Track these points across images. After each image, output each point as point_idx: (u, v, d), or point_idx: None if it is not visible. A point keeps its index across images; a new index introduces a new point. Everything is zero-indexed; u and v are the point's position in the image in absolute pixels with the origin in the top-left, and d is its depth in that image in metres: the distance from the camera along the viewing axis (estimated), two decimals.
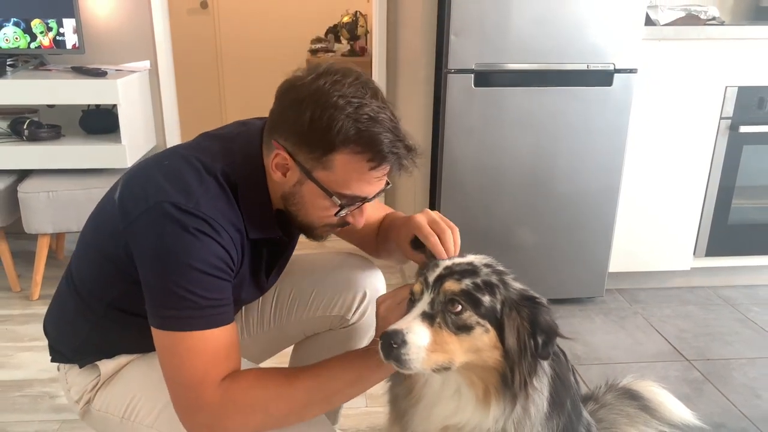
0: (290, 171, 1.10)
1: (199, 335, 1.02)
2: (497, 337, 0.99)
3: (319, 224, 1.17)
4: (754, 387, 2.08)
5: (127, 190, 1.12)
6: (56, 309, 1.29)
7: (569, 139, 2.39)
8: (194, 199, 1.04)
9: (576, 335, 2.39)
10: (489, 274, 1.03)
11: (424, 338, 0.95)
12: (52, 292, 2.69)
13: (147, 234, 1.04)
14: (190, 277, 1.02)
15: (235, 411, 1.03)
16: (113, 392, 1.23)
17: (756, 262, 2.78)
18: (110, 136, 2.78)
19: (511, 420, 1.05)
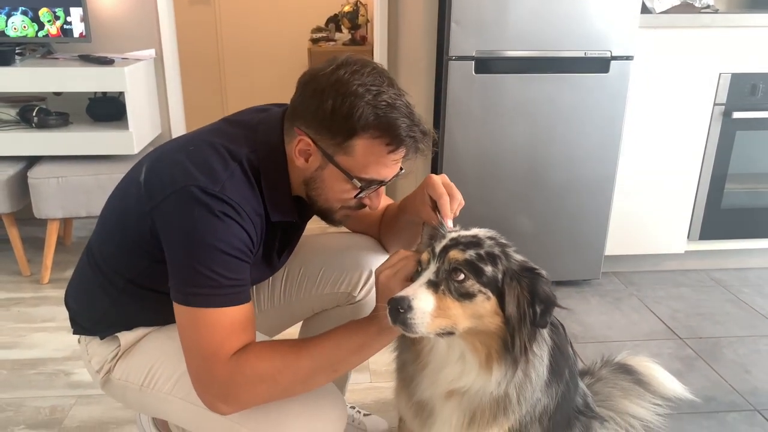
0: (312, 157, 1.17)
1: (218, 312, 1.09)
2: (498, 304, 1.05)
3: (338, 207, 1.23)
4: (744, 363, 2.16)
5: (153, 173, 1.17)
6: (77, 284, 1.34)
7: (566, 126, 2.45)
8: (220, 184, 1.10)
9: (573, 315, 2.46)
10: (492, 246, 1.09)
11: (429, 304, 1.01)
12: (61, 276, 2.78)
13: (175, 215, 1.10)
14: (214, 257, 1.08)
15: (245, 382, 1.09)
16: (133, 362, 1.29)
17: (747, 245, 2.86)
18: (117, 124, 2.83)
19: (513, 384, 1.12)
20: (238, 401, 1.11)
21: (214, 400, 1.11)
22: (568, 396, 1.38)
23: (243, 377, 1.09)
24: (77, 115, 2.88)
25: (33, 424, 1.80)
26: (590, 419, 1.46)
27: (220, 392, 1.10)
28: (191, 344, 1.11)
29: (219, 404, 1.10)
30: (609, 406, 1.64)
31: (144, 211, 1.14)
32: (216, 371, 1.08)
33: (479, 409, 1.17)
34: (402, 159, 1.18)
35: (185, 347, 1.12)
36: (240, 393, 1.10)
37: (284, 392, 1.15)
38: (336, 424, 1.25)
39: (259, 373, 1.09)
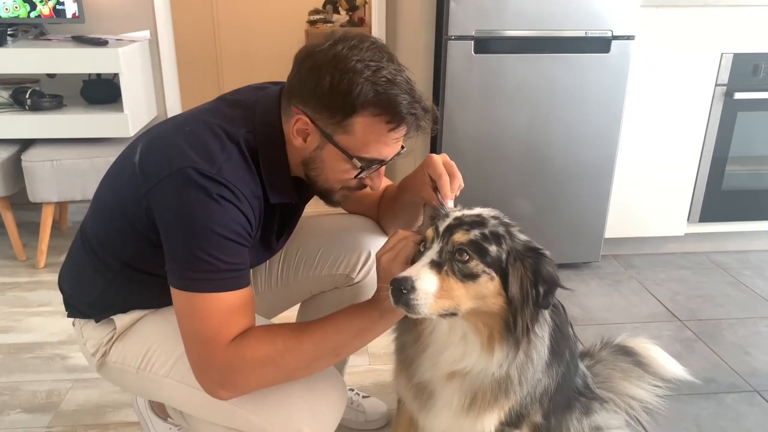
0: (311, 136, 1.14)
1: (216, 297, 1.06)
2: (501, 284, 1.04)
3: (339, 188, 1.21)
4: (743, 345, 2.15)
5: (148, 154, 1.14)
6: (71, 267, 1.32)
7: (567, 107, 2.42)
8: (217, 166, 1.07)
9: (572, 298, 2.45)
10: (496, 225, 1.07)
11: (432, 285, 0.99)
12: (57, 260, 2.76)
13: (171, 198, 1.07)
14: (211, 242, 1.05)
15: (245, 367, 1.07)
16: (128, 345, 1.27)
17: (748, 227, 2.84)
18: (112, 106, 2.80)
19: (515, 365, 1.11)
20: (237, 386, 1.10)
21: (213, 386, 1.09)
22: (568, 377, 1.37)
23: (243, 362, 1.07)
24: (71, 97, 2.85)
25: (29, 408, 1.79)
26: (590, 400, 1.45)
27: (220, 378, 1.08)
28: (189, 330, 1.09)
29: (219, 390, 1.09)
30: (609, 387, 1.64)
31: (139, 194, 1.11)
32: (215, 357, 1.06)
33: (480, 391, 1.16)
34: (403, 137, 1.15)
35: (183, 333, 1.10)
36: (240, 378, 1.08)
37: (285, 377, 1.14)
38: (336, 407, 1.24)
39: (259, 357, 1.08)
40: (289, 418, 1.17)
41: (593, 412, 1.45)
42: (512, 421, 1.25)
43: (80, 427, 1.71)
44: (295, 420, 1.17)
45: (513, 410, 1.21)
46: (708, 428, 1.74)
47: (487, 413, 1.17)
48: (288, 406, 1.18)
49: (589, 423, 1.43)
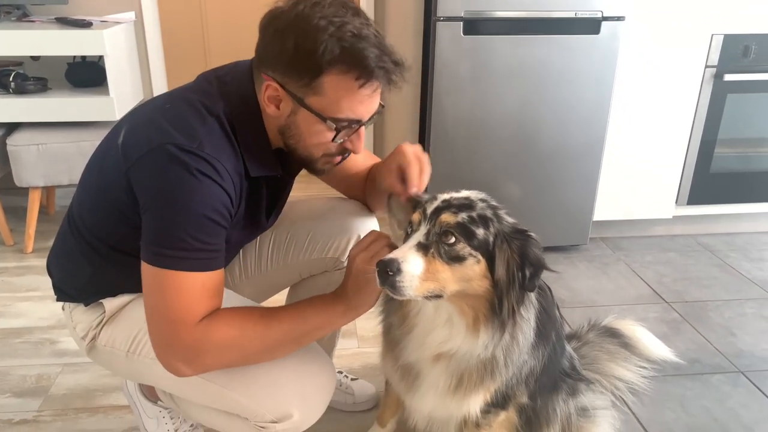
0: (283, 102, 1.12)
1: (187, 276, 1.05)
2: (487, 267, 1.04)
3: (319, 155, 1.18)
4: (729, 326, 2.18)
5: (130, 135, 1.13)
6: (59, 251, 1.31)
7: (556, 89, 2.42)
8: (197, 141, 1.06)
9: (560, 281, 2.46)
10: (484, 208, 1.08)
11: (418, 267, 1.00)
12: (45, 245, 2.75)
13: (150, 174, 1.06)
14: (189, 220, 1.04)
15: (211, 348, 1.08)
16: (118, 328, 1.27)
17: (736, 210, 2.86)
18: (97, 89, 2.76)
19: (501, 347, 1.12)
20: (202, 365, 1.11)
21: (175, 363, 1.09)
22: (554, 359, 1.39)
23: (210, 344, 1.08)
24: (56, 80, 2.81)
25: (19, 392, 1.79)
26: (577, 381, 1.47)
27: (185, 356, 1.08)
28: (156, 307, 1.08)
29: (181, 366, 1.09)
30: (595, 369, 1.66)
31: (121, 172, 1.10)
32: (182, 335, 1.06)
33: (466, 372, 1.17)
34: (374, 92, 1.11)
35: (149, 308, 1.09)
36: (205, 358, 1.09)
37: (248, 360, 1.16)
38: (325, 389, 1.25)
39: (226, 341, 1.09)
40: (278, 401, 1.18)
41: (579, 393, 1.46)
42: (498, 402, 1.26)
43: (70, 411, 1.71)
44: (284, 402, 1.18)
45: (499, 391, 1.23)
46: (692, 408, 1.76)
47: (473, 394, 1.19)
48: (277, 389, 1.18)
49: (575, 404, 1.44)
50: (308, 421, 1.22)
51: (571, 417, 1.43)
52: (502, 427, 1.36)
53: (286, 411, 1.18)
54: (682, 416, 1.73)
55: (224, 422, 1.27)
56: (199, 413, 1.34)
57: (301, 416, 1.19)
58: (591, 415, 1.47)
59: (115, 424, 1.67)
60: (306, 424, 1.22)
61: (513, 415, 1.35)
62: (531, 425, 1.39)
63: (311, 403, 1.22)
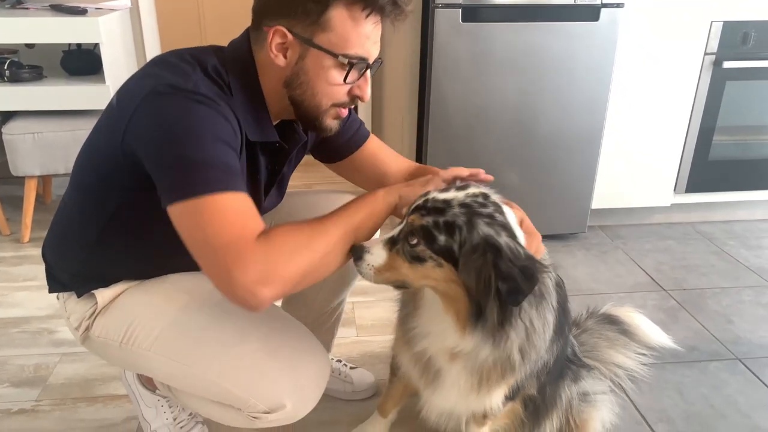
0: (290, 49, 1.11)
1: (222, 197, 0.99)
2: (454, 272, 1.02)
3: (327, 104, 1.17)
4: (726, 313, 2.18)
5: (123, 91, 1.11)
6: (53, 236, 1.30)
7: (555, 77, 2.40)
8: (192, 81, 1.04)
9: (559, 269, 2.46)
10: (457, 215, 1.02)
11: (379, 259, 1.07)
12: (42, 234, 2.72)
13: (147, 116, 1.02)
14: (200, 141, 1.00)
15: (282, 254, 1.00)
16: (111, 319, 1.26)
17: (734, 197, 2.86)
18: (93, 77, 2.74)
19: (516, 348, 1.11)
20: (281, 277, 0.99)
21: (253, 287, 0.96)
22: (564, 350, 1.39)
23: (279, 251, 0.99)
24: (51, 68, 2.79)
25: (17, 382, 1.79)
26: (579, 368, 1.48)
27: (259, 274, 0.97)
28: (206, 239, 0.98)
29: (260, 289, 0.96)
30: (595, 356, 1.66)
31: (115, 130, 1.06)
32: (248, 253, 0.97)
33: (485, 371, 1.17)
34: (377, 25, 1.13)
35: (199, 249, 0.99)
36: (280, 267, 0.99)
37: (320, 262, 1.05)
38: (318, 379, 1.24)
39: (293, 243, 1.02)
40: (271, 391, 1.17)
41: (581, 379, 1.47)
42: (511, 395, 1.27)
43: (69, 401, 1.71)
44: (276, 392, 1.18)
45: (514, 386, 1.23)
46: (690, 395, 1.77)
47: (495, 390, 1.19)
48: (270, 380, 1.18)
49: (577, 389, 1.45)
50: (301, 411, 1.21)
51: (572, 401, 1.44)
52: (506, 416, 1.37)
53: (278, 401, 1.17)
54: (679, 403, 1.74)
55: (218, 412, 1.27)
56: (193, 402, 1.34)
57: (294, 406, 1.19)
58: (591, 399, 1.48)
59: (113, 413, 1.67)
60: (299, 414, 1.21)
61: (518, 406, 1.36)
62: (538, 413, 1.40)
63: (304, 393, 1.21)
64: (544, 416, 1.41)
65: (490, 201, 1.07)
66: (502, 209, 1.08)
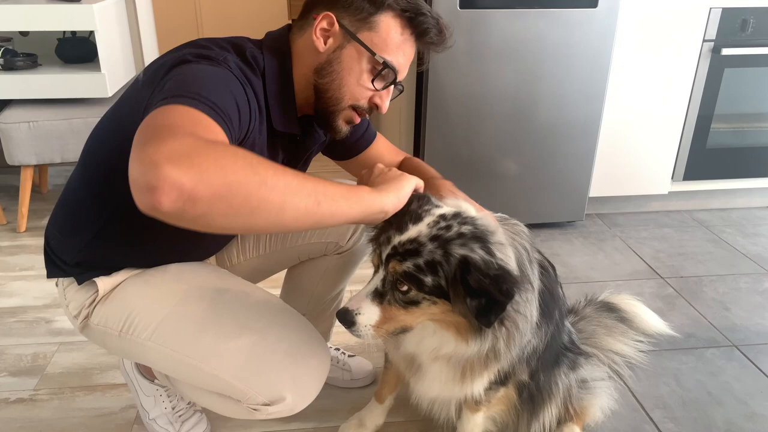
0: (332, 37, 1.16)
1: (198, 113, 0.89)
2: (448, 304, 1.02)
3: (347, 103, 1.19)
4: (723, 301, 2.19)
5: (149, 68, 1.11)
6: (58, 219, 1.28)
7: (554, 64, 2.39)
8: (222, 56, 1.06)
9: (556, 257, 2.47)
10: (433, 251, 0.99)
11: (373, 317, 1.04)
12: (38, 224, 2.73)
13: (172, 79, 0.99)
14: (208, 82, 0.97)
15: (214, 150, 0.80)
16: (110, 308, 1.26)
17: (731, 185, 2.86)
18: (89, 65, 2.72)
19: (500, 339, 1.11)
20: (195, 165, 0.76)
21: (160, 158, 0.75)
22: (557, 335, 1.40)
23: (212, 146, 0.81)
24: (46, 56, 2.77)
25: (15, 372, 1.78)
26: (576, 355, 1.48)
27: (176, 151, 0.77)
28: (147, 123, 0.85)
29: (166, 163, 0.75)
30: (593, 343, 1.67)
31: (140, 100, 1.04)
32: (176, 136, 0.80)
33: (468, 364, 1.17)
34: (413, 48, 1.20)
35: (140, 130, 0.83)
36: (203, 158, 0.78)
37: (257, 188, 0.81)
38: (318, 371, 1.24)
39: (235, 151, 0.83)
40: (270, 383, 1.18)
41: (579, 367, 1.48)
42: (500, 380, 1.27)
43: (67, 390, 1.71)
44: (276, 385, 1.18)
45: (502, 371, 1.23)
46: (687, 382, 1.78)
47: (477, 380, 1.20)
48: (270, 371, 1.18)
49: (575, 376, 1.46)
50: (301, 404, 1.22)
51: (571, 389, 1.45)
52: (500, 402, 1.37)
53: (278, 394, 1.17)
54: (676, 390, 1.74)
55: (217, 403, 1.27)
56: (193, 393, 1.34)
57: (294, 399, 1.19)
58: (590, 386, 1.49)
59: (112, 402, 1.67)
60: (299, 407, 1.22)
61: (512, 392, 1.36)
62: (533, 400, 1.40)
63: (304, 386, 1.21)
64: (541, 405, 1.41)
65: (449, 219, 1.04)
66: (467, 218, 1.05)
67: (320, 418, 1.61)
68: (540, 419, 1.43)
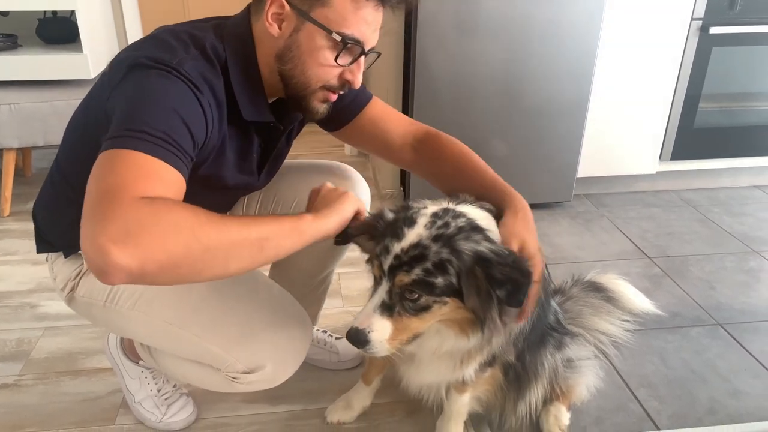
0: (286, 20, 1.09)
1: (140, 156, 0.89)
2: (459, 301, 1.02)
3: (316, 85, 1.13)
4: (709, 280, 2.21)
5: (115, 61, 1.09)
6: (45, 195, 1.28)
7: (542, 43, 2.37)
8: (177, 58, 1.02)
9: (544, 237, 2.47)
10: (440, 251, 1.00)
11: (386, 331, 1.02)
12: (22, 208, 2.69)
13: (126, 85, 1.00)
14: (155, 107, 0.95)
15: (156, 224, 0.84)
16: (95, 279, 1.25)
17: (718, 165, 2.87)
18: (70, 46, 2.67)
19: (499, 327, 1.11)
20: (139, 245, 0.81)
21: (107, 243, 0.80)
22: (542, 316, 1.40)
23: (155, 218, 0.84)
24: (27, 37, 2.72)
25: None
26: (562, 335, 1.49)
27: (120, 232, 0.81)
28: (96, 183, 0.87)
29: (113, 248, 0.80)
30: (579, 323, 1.68)
31: (102, 95, 1.04)
32: (121, 205, 0.83)
33: (465, 353, 1.18)
34: (377, 11, 1.10)
35: (88, 190, 0.87)
36: (146, 236, 0.82)
37: (200, 254, 0.88)
38: (300, 341, 1.25)
39: (177, 219, 0.86)
40: (252, 352, 1.18)
41: (565, 346, 1.48)
42: (488, 362, 1.28)
43: (52, 374, 1.70)
44: (257, 352, 1.18)
45: (490, 353, 1.24)
46: (672, 361, 1.79)
47: (469, 364, 1.21)
48: (251, 339, 1.18)
49: (561, 356, 1.46)
50: (282, 374, 1.22)
51: (557, 369, 1.45)
52: (486, 382, 1.38)
53: (258, 361, 1.18)
54: (661, 368, 1.76)
55: (197, 374, 1.28)
56: (173, 365, 1.35)
57: (275, 368, 1.19)
58: (576, 366, 1.50)
59: (97, 386, 1.66)
60: (279, 377, 1.22)
61: (498, 372, 1.37)
62: (520, 380, 1.41)
63: (285, 355, 1.22)
64: (527, 385, 1.42)
65: (442, 216, 1.05)
66: (456, 212, 1.06)
67: (307, 399, 1.61)
68: (526, 399, 1.44)
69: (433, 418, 1.49)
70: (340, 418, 1.54)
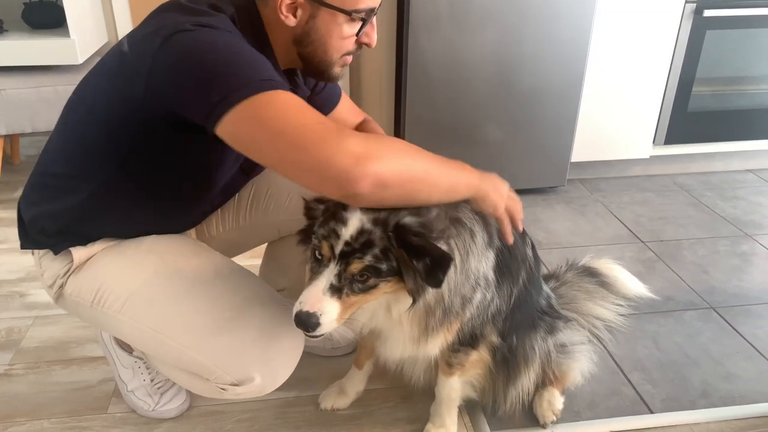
0: (300, 9, 1.11)
1: (281, 92, 0.94)
2: (399, 278, 1.05)
3: (338, 56, 1.18)
4: (702, 264, 2.21)
5: (136, 36, 1.06)
6: (33, 190, 1.25)
7: (535, 27, 2.35)
8: (214, 20, 1.03)
9: (538, 223, 2.47)
10: (381, 238, 1.01)
11: (334, 310, 1.03)
12: (10, 196, 2.66)
13: (175, 52, 0.98)
14: (237, 52, 0.99)
15: (385, 146, 0.96)
16: (84, 278, 1.23)
17: (712, 149, 2.86)
18: (57, 31, 2.63)
19: (448, 288, 1.12)
20: (383, 156, 0.92)
21: (358, 161, 0.89)
22: (529, 299, 1.39)
23: (379, 142, 0.96)
24: (12, 21, 2.67)
25: None
26: (555, 320, 1.48)
27: (362, 149, 0.90)
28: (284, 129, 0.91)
29: (366, 163, 0.89)
30: (573, 308, 1.68)
31: (135, 74, 1.01)
32: (343, 135, 0.91)
33: (428, 324, 1.17)
34: None
35: (272, 146, 0.92)
36: (382, 149, 0.93)
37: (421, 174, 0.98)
38: (290, 354, 1.24)
39: (396, 144, 0.99)
40: (240, 363, 1.16)
41: (558, 331, 1.48)
42: (466, 341, 1.28)
43: (43, 363, 1.69)
44: (246, 366, 1.16)
45: (464, 329, 1.24)
46: (665, 344, 1.80)
47: (433, 338, 1.19)
48: (240, 351, 1.16)
49: (553, 341, 1.46)
50: (271, 386, 1.20)
51: (550, 354, 1.45)
52: (475, 366, 1.37)
53: (247, 374, 1.16)
54: (654, 352, 1.76)
55: (187, 380, 1.26)
56: (164, 368, 1.33)
57: (264, 380, 1.18)
58: (570, 351, 1.50)
59: (89, 375, 1.65)
60: (269, 388, 1.20)
61: (486, 355, 1.36)
62: (508, 364, 1.41)
63: (275, 368, 1.20)
64: (517, 369, 1.42)
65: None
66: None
67: (301, 386, 1.60)
68: (518, 384, 1.44)
69: (427, 404, 1.49)
70: (333, 404, 1.54)
